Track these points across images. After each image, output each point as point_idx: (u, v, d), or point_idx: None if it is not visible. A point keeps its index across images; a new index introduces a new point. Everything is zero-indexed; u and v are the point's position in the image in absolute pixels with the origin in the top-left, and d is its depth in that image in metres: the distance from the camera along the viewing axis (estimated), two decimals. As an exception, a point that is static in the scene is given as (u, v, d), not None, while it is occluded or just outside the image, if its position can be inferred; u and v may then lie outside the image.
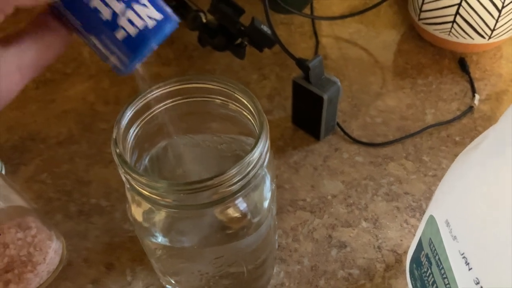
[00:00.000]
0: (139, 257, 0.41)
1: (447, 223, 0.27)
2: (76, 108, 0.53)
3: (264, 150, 0.26)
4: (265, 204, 0.30)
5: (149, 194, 0.26)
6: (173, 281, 0.35)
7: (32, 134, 0.50)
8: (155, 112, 0.29)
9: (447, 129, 0.49)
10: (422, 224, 0.32)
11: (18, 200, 0.38)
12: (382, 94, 0.53)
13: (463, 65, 0.55)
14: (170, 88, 0.29)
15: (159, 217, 0.29)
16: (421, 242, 0.32)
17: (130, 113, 0.28)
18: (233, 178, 0.25)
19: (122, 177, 0.27)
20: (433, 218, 0.30)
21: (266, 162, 0.27)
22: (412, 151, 0.48)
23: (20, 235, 0.37)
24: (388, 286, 0.39)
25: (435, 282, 0.30)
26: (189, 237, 0.30)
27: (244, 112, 0.29)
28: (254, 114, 0.27)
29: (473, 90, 0.52)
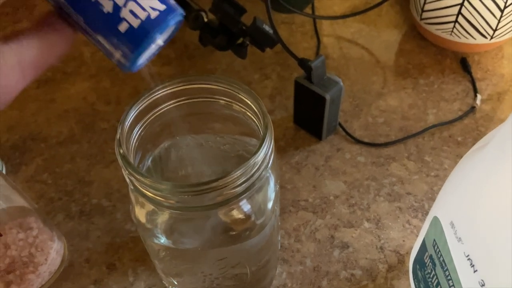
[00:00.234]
0: (141, 258, 0.40)
1: (452, 225, 0.27)
2: (77, 108, 0.53)
3: (269, 152, 0.26)
4: (269, 205, 0.29)
5: (153, 196, 0.25)
6: (176, 282, 0.35)
7: (33, 134, 0.50)
8: (159, 113, 0.29)
9: (449, 129, 0.49)
10: (426, 225, 0.32)
11: (19, 200, 0.38)
12: (384, 94, 0.53)
13: (465, 65, 0.55)
14: (174, 89, 0.28)
15: (163, 219, 0.29)
16: (425, 243, 0.32)
17: (134, 113, 0.28)
18: (238, 180, 0.25)
19: (126, 178, 0.26)
20: (437, 219, 0.29)
21: (271, 164, 0.27)
22: (414, 151, 0.47)
23: (22, 236, 0.37)
24: (391, 287, 0.38)
25: (439, 284, 0.30)
26: (193, 239, 0.30)
27: (248, 113, 0.29)
28: (259, 115, 0.27)
29: (475, 90, 0.52)
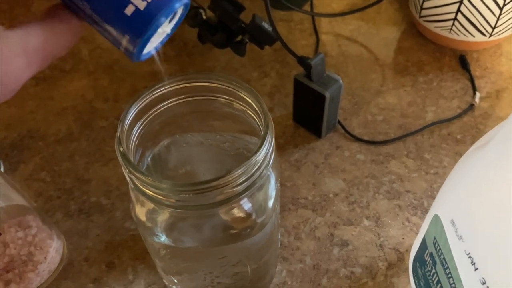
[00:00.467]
0: (141, 256, 0.40)
1: (453, 223, 0.27)
2: (75, 105, 0.52)
3: (270, 150, 0.26)
4: (270, 204, 0.29)
5: (154, 194, 0.25)
6: (176, 281, 0.35)
7: (31, 132, 0.50)
8: (159, 111, 0.29)
9: (448, 127, 0.49)
10: (426, 223, 0.32)
11: (18, 199, 0.37)
12: (383, 92, 0.53)
13: (464, 63, 0.55)
14: (175, 87, 0.28)
15: (163, 217, 0.28)
16: (425, 241, 0.32)
17: (134, 112, 0.28)
18: (239, 179, 0.25)
19: (126, 177, 0.26)
20: (438, 218, 0.29)
21: (271, 162, 0.27)
22: (413, 149, 0.48)
23: (21, 234, 0.37)
24: (390, 285, 0.39)
25: (440, 282, 0.30)
26: (193, 237, 0.30)
27: (249, 111, 0.29)
28: (259, 114, 0.27)
29: (474, 88, 0.52)
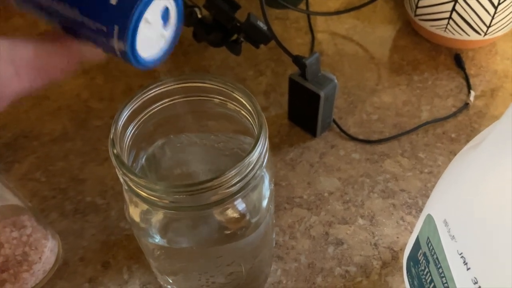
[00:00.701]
0: (136, 255, 0.40)
1: (446, 223, 0.28)
2: (70, 105, 0.52)
3: (263, 151, 0.26)
4: (264, 204, 0.29)
5: (147, 196, 0.25)
6: (171, 280, 0.35)
7: (26, 131, 0.50)
8: (153, 111, 0.29)
9: (443, 126, 0.49)
10: (420, 223, 0.33)
11: (13, 199, 0.37)
12: (378, 91, 0.53)
13: (459, 61, 0.55)
14: (169, 87, 0.28)
15: (157, 218, 0.29)
16: (419, 241, 0.32)
17: (128, 113, 0.28)
18: (233, 179, 0.25)
19: (120, 179, 0.26)
20: (431, 217, 0.30)
21: (265, 163, 0.27)
22: (408, 148, 0.48)
23: (15, 234, 0.37)
24: (385, 283, 0.39)
25: (433, 281, 0.30)
26: (188, 238, 0.30)
27: (243, 112, 0.29)
28: (253, 114, 0.27)
29: (469, 87, 0.53)
